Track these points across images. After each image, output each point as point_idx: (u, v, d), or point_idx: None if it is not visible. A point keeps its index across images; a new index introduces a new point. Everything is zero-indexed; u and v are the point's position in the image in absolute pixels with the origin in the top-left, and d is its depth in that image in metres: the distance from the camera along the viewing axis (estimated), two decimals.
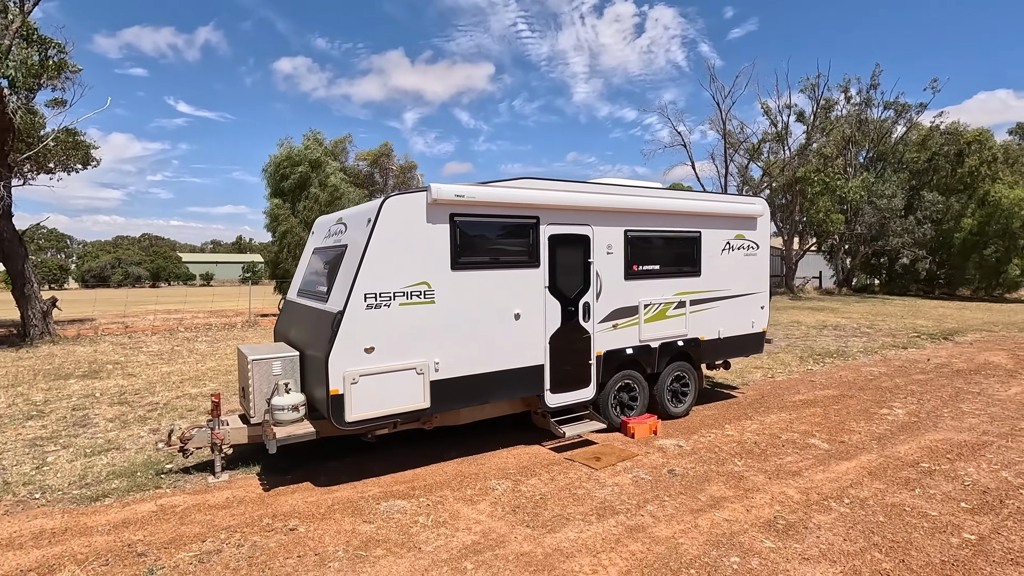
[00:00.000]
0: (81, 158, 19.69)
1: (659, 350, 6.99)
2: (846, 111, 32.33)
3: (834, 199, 27.86)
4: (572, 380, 6.25)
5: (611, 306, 6.54)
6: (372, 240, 4.94)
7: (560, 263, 6.12)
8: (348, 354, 4.82)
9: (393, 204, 5.04)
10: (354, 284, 4.87)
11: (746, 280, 7.90)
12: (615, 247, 6.54)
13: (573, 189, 6.16)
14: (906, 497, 4.80)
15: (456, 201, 5.29)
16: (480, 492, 4.95)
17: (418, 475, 5.38)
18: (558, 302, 6.10)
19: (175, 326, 17.64)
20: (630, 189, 6.74)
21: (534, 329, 5.91)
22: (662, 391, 7.12)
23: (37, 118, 17.78)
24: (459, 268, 5.39)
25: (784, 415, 7.43)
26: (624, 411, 6.85)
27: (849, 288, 33.36)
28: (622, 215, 6.57)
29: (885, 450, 6.02)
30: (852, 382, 9.44)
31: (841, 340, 14.25)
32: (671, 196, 7.06)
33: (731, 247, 7.73)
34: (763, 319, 8.16)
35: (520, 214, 5.78)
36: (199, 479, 5.29)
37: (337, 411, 4.79)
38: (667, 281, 7.06)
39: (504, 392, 5.78)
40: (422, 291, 5.19)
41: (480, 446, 6.17)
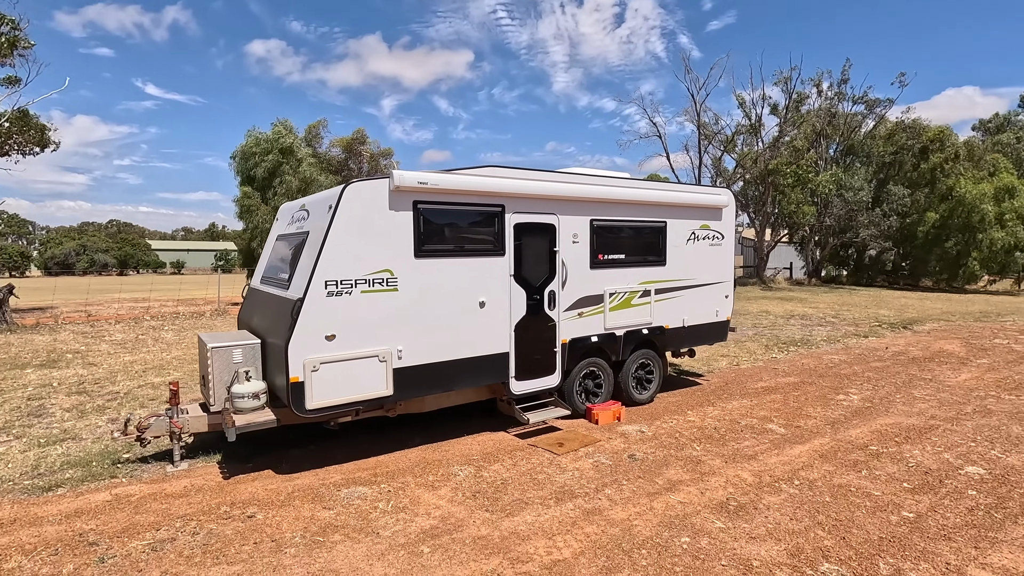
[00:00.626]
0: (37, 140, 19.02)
1: (624, 338, 7.09)
2: (818, 105, 32.93)
3: (805, 191, 28.43)
4: (537, 367, 6.32)
5: (577, 295, 6.60)
6: (333, 227, 4.90)
7: (526, 252, 6.15)
8: (308, 341, 4.79)
9: (354, 191, 5.00)
10: (314, 271, 4.83)
11: (711, 270, 8.05)
12: (581, 236, 6.60)
13: (538, 178, 6.18)
14: (853, 478, 4.99)
15: (419, 188, 5.27)
16: (442, 478, 4.99)
17: (381, 462, 5.39)
18: (523, 290, 6.14)
19: (141, 315, 17.23)
20: (596, 179, 6.79)
21: (499, 317, 5.95)
22: (627, 378, 7.24)
23: None
24: (423, 256, 5.39)
25: (745, 401, 7.63)
26: (589, 398, 6.95)
27: (818, 279, 34.19)
28: (588, 204, 6.62)
29: (838, 434, 6.23)
30: (813, 369, 9.72)
31: (807, 329, 14.63)
32: (637, 186, 7.14)
33: (696, 237, 7.86)
34: (727, 308, 8.33)
35: (485, 202, 5.78)
36: (157, 468, 5.22)
37: (297, 399, 4.77)
38: (633, 270, 7.15)
39: (469, 379, 5.81)
40: (385, 279, 5.17)
41: (445, 433, 6.21)
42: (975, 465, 5.30)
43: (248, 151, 19.80)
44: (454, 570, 3.54)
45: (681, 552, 3.76)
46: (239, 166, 20.48)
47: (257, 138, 20.20)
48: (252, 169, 20.04)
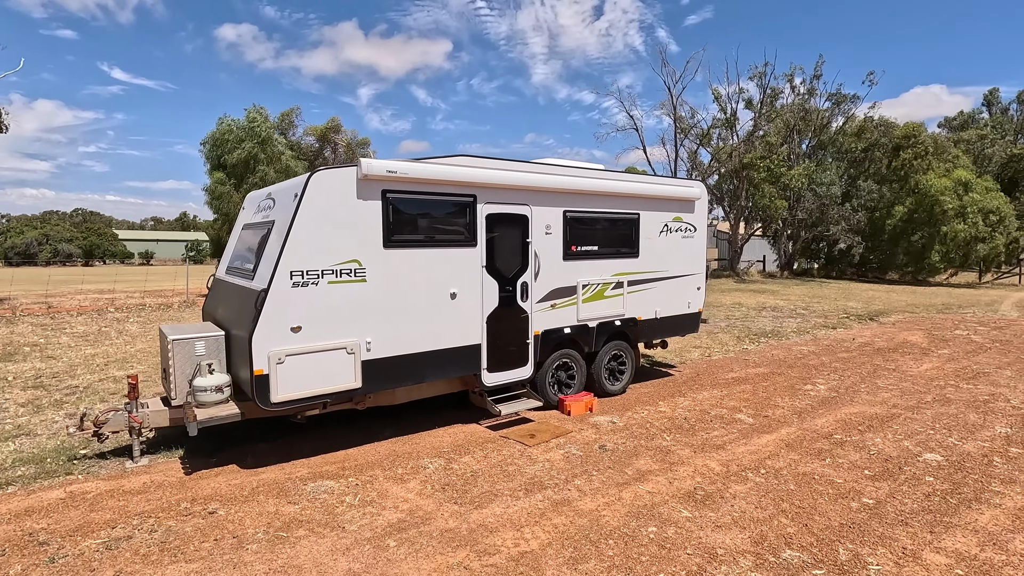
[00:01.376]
0: None
1: (597, 329, 7.11)
2: (791, 100, 33.43)
3: (778, 186, 28.90)
4: (510, 359, 6.29)
5: (549, 286, 6.58)
6: (298, 216, 4.77)
7: (498, 242, 6.10)
8: (273, 333, 4.68)
9: (320, 179, 4.88)
10: (279, 261, 4.70)
11: (683, 262, 8.11)
12: (554, 227, 6.57)
13: (511, 168, 6.13)
14: (817, 466, 5.09)
15: (388, 177, 5.16)
16: (411, 471, 4.94)
17: (350, 455, 5.32)
18: (495, 282, 6.09)
19: (105, 306, 16.71)
20: (569, 170, 6.76)
21: (471, 308, 5.89)
22: (599, 369, 7.27)
23: None
24: (392, 246, 5.29)
25: (716, 392, 7.73)
26: (562, 389, 6.96)
27: (790, 272, 34.88)
28: (561, 195, 6.59)
29: (804, 423, 6.36)
30: (783, 360, 9.91)
31: (777, 321, 14.91)
32: (611, 177, 7.13)
33: (669, 229, 7.90)
34: (699, 300, 8.42)
35: (456, 192, 5.71)
36: (116, 465, 5.06)
37: (262, 392, 4.66)
38: (606, 262, 7.16)
39: (440, 371, 5.76)
40: (352, 269, 5.07)
41: (416, 425, 6.15)
42: (933, 452, 5.46)
43: (220, 138, 19.28)
44: (420, 563, 3.51)
45: (648, 542, 3.78)
46: (209, 152, 19.94)
47: (230, 125, 19.66)
48: (223, 156, 19.53)
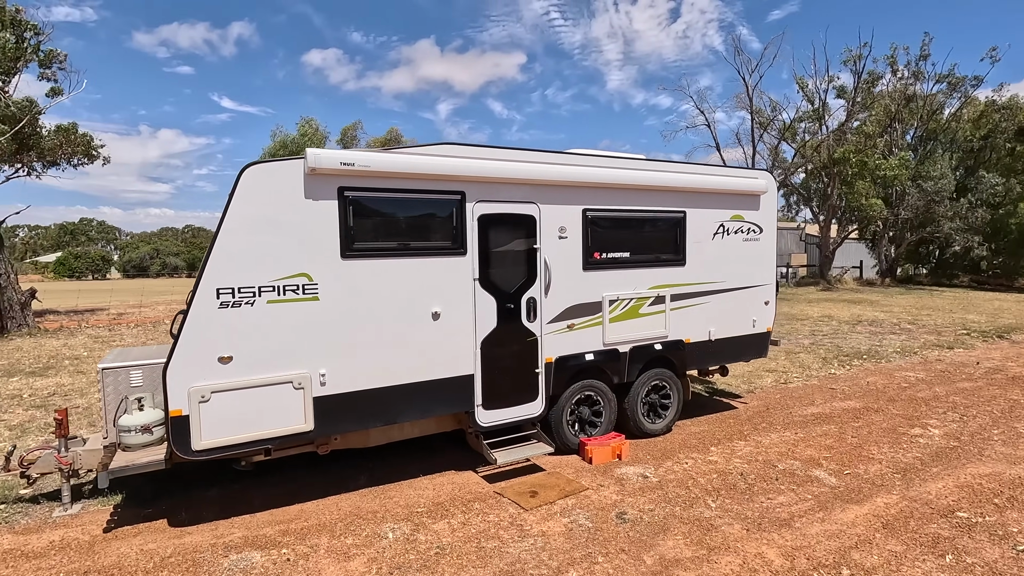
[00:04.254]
0: (84, 152, 19.53)
1: (630, 355, 5.76)
2: (892, 85, 29.64)
3: (874, 181, 25.53)
4: (513, 393, 5.11)
5: (565, 302, 5.34)
6: (226, 221, 3.89)
7: (495, 250, 4.96)
8: (194, 364, 3.81)
9: (255, 175, 3.97)
10: (201, 276, 3.84)
11: (745, 270, 6.56)
12: (570, 230, 5.33)
13: (511, 157, 4.98)
14: (932, 569, 3.50)
15: (345, 171, 4.19)
16: (364, 541, 3.89)
17: (305, 511, 4.36)
18: (493, 298, 4.95)
19: (164, 317, 17.20)
20: (590, 159, 5.50)
21: (459, 331, 4.79)
22: (635, 405, 5.90)
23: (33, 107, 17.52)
24: (353, 256, 4.31)
25: (788, 434, 6.11)
26: (585, 429, 5.67)
27: (892, 278, 30.84)
28: (579, 191, 5.35)
29: (911, 489, 4.68)
30: (881, 391, 7.97)
31: (876, 338, 12.60)
32: (646, 168, 5.78)
33: (726, 230, 6.40)
34: (767, 317, 6.81)
35: (438, 188, 4.64)
36: (45, 511, 4.40)
37: (180, 436, 3.79)
38: (640, 271, 5.81)
39: (419, 410, 4.69)
40: (300, 285, 4.13)
41: (400, 469, 5.11)
42: None
43: (274, 152, 19.56)
44: None
45: None
46: None
47: (283, 140, 19.93)
48: None
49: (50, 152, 18.32)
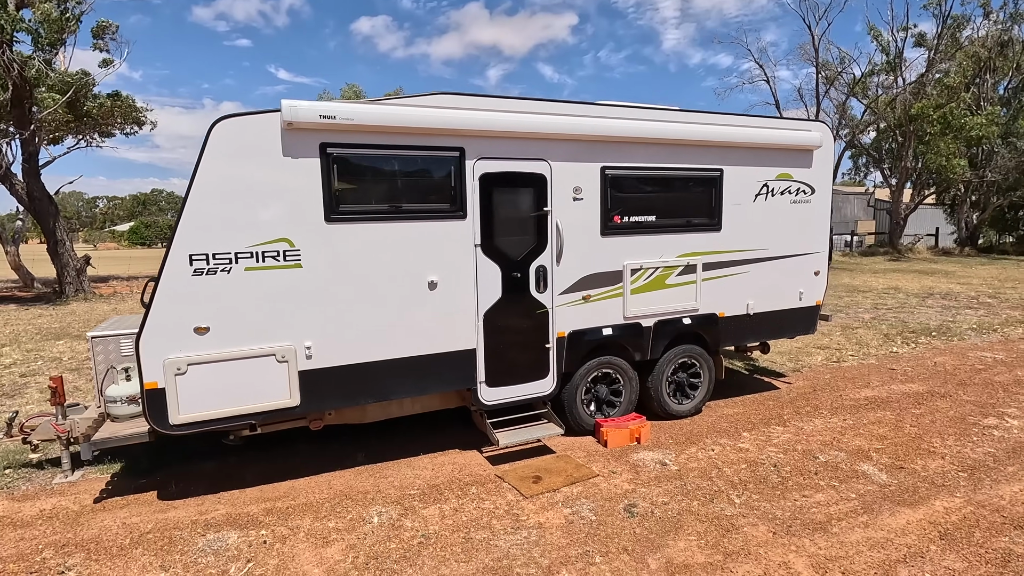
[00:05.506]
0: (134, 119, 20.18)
1: (655, 330, 5.23)
2: (985, 30, 26.42)
3: (958, 141, 23.04)
4: (520, 370, 4.72)
5: (580, 271, 4.85)
6: (197, 181, 3.60)
7: (499, 213, 4.50)
8: (168, 335, 3.60)
9: (226, 130, 3.64)
10: (172, 242, 3.59)
11: (793, 237, 5.82)
12: (586, 191, 4.79)
13: (516, 108, 4.45)
14: None
15: (326, 126, 3.80)
16: (347, 525, 3.64)
17: (295, 488, 4.16)
18: (497, 266, 4.51)
19: None
20: (610, 110, 4.89)
21: (459, 302, 4.40)
22: (659, 384, 5.39)
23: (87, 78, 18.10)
24: (338, 220, 3.96)
25: (835, 420, 5.46)
26: (604, 409, 5.23)
27: (973, 247, 28.18)
28: (597, 145, 4.77)
29: (979, 492, 4.01)
30: (951, 373, 7.09)
31: (948, 313, 11.38)
32: (676, 119, 5.11)
33: (771, 191, 5.66)
34: (817, 289, 6.06)
35: (434, 144, 4.19)
36: (47, 477, 4.41)
37: (157, 410, 3.62)
38: (668, 237, 5.21)
39: (415, 386, 4.37)
40: (280, 251, 3.83)
41: (401, 448, 4.85)
42: None
43: None
44: None
45: None
46: None
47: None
48: None
49: (103, 120, 19.02)
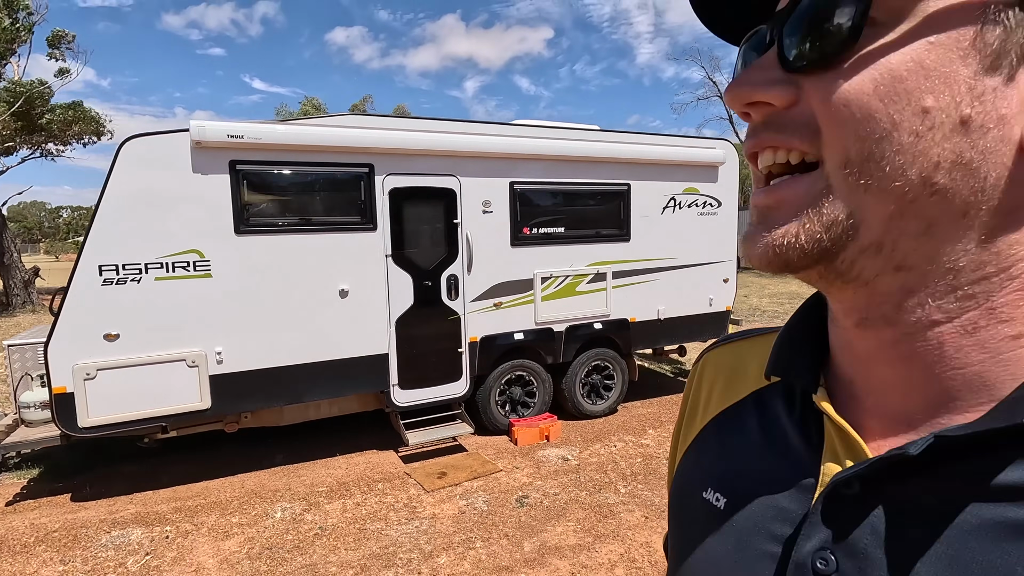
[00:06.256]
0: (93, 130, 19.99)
1: (566, 335, 5.56)
2: None
3: None
4: (433, 373, 4.99)
5: (491, 280, 5.16)
6: (106, 196, 3.81)
7: (410, 225, 4.79)
8: (77, 342, 3.79)
9: (135, 149, 3.87)
10: (81, 253, 3.79)
11: (701, 246, 6.23)
12: (496, 204, 5.11)
13: (425, 128, 4.76)
14: None
15: (235, 144, 4.06)
16: (250, 520, 3.85)
17: (208, 488, 4.35)
18: (408, 275, 4.80)
19: None
20: (519, 129, 5.24)
21: (371, 309, 4.66)
22: (573, 385, 5.72)
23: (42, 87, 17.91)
24: (248, 232, 4.20)
25: None
26: (519, 410, 5.52)
27: None
28: (505, 162, 5.11)
29: None
30: None
31: None
32: (581, 138, 5.48)
33: (678, 204, 6.07)
34: (726, 296, 6.48)
35: (343, 161, 4.47)
36: None
37: (65, 414, 3.79)
38: (577, 248, 5.56)
39: (327, 389, 4.61)
40: (191, 262, 4.05)
41: (320, 449, 5.07)
42: None
43: None
44: None
45: None
46: None
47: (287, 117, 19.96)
48: None
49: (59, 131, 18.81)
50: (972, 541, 0.33)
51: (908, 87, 0.31)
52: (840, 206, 0.34)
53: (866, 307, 0.38)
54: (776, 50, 0.36)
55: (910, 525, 0.36)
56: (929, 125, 0.31)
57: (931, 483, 0.36)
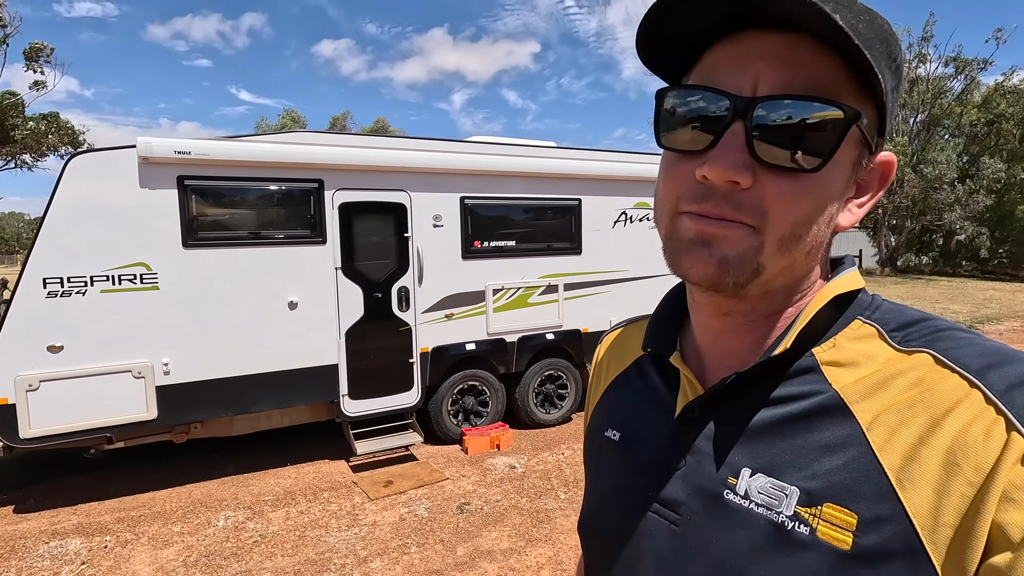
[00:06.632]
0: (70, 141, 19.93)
1: (518, 345, 5.69)
2: None
3: None
4: (384, 383, 5.09)
5: (442, 292, 5.29)
6: (52, 211, 3.90)
7: (360, 239, 4.92)
8: (20, 353, 3.84)
9: (83, 164, 3.97)
10: (26, 265, 3.86)
11: (652, 259, 6.42)
12: (447, 218, 5.26)
13: (375, 145, 4.92)
14: None
15: (183, 160, 4.17)
16: (192, 529, 3.91)
17: (155, 499, 4.39)
18: (359, 287, 4.92)
19: None
20: (468, 145, 5.42)
21: (321, 321, 4.77)
22: (526, 394, 5.84)
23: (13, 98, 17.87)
24: (197, 246, 4.30)
25: None
26: (472, 419, 5.63)
27: (893, 268, 30.16)
28: (456, 177, 5.27)
29: None
30: None
31: None
32: (531, 155, 5.67)
33: (629, 218, 6.27)
34: None
35: (293, 176, 4.60)
36: None
37: (7, 425, 3.84)
38: (529, 260, 5.72)
39: (276, 399, 4.68)
40: (138, 275, 4.13)
41: (272, 459, 5.12)
42: None
43: None
44: None
45: None
46: None
47: (264, 130, 20.06)
48: None
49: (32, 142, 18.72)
50: (763, 432, 0.54)
51: (829, 200, 0.52)
52: (762, 259, 0.51)
53: (734, 306, 0.57)
54: (745, 138, 0.49)
55: (727, 429, 0.57)
56: (826, 221, 0.52)
57: (738, 402, 0.57)
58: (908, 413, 0.48)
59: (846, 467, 0.49)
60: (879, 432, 0.49)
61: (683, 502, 0.57)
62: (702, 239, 0.51)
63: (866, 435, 0.49)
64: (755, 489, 0.52)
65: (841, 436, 0.50)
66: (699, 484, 0.57)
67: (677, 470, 0.59)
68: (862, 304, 0.57)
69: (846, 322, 0.56)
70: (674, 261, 0.54)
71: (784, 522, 0.50)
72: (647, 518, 0.60)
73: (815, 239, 0.52)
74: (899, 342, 0.53)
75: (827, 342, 0.55)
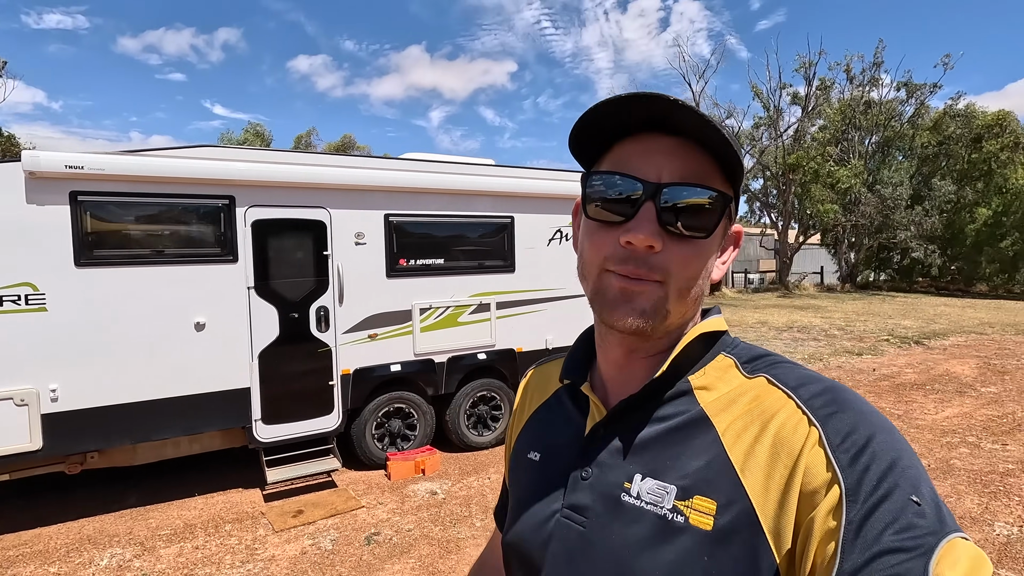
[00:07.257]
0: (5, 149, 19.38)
1: (448, 366, 5.55)
2: (849, 92, 29.85)
3: (826, 187, 25.62)
4: (301, 407, 4.89)
5: (365, 311, 5.13)
6: None
7: (276, 257, 4.75)
8: None
9: None
10: None
11: None
12: (370, 236, 5.13)
13: (289, 160, 4.78)
14: None
15: (76, 175, 3.97)
16: (71, 569, 3.63)
17: (41, 535, 4.09)
18: (273, 307, 4.73)
19: None
20: (392, 162, 5.32)
21: (230, 343, 4.56)
22: (457, 416, 5.69)
23: None
24: (91, 264, 4.08)
25: None
26: (399, 443, 5.44)
27: (853, 284, 30.92)
28: (379, 195, 5.15)
29: None
30: None
31: (794, 345, 12.47)
32: (460, 172, 5.60)
33: (564, 236, 6.22)
34: None
35: (200, 192, 4.43)
36: None
37: None
38: (459, 279, 5.61)
39: (180, 426, 4.44)
40: (22, 295, 3.89)
41: (179, 488, 4.85)
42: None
43: None
44: None
45: None
46: None
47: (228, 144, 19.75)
48: None
49: None
50: (650, 443, 0.67)
51: (710, 259, 0.67)
52: (668, 306, 0.65)
53: (640, 344, 0.70)
54: (656, 213, 0.63)
55: (623, 443, 0.68)
56: (707, 275, 0.68)
57: (632, 420, 0.69)
58: (748, 419, 0.62)
59: (708, 465, 0.62)
60: (729, 436, 0.62)
61: (589, 507, 0.68)
62: (625, 296, 0.65)
63: (721, 439, 0.62)
64: (645, 490, 0.64)
65: (705, 442, 0.63)
66: (601, 490, 0.68)
67: (584, 480, 0.70)
68: (725, 343, 0.72)
69: (713, 355, 0.70)
70: (602, 315, 0.67)
71: (666, 515, 0.61)
72: (559, 523, 0.70)
73: (700, 289, 0.68)
74: (747, 371, 0.67)
75: (699, 371, 0.69)
